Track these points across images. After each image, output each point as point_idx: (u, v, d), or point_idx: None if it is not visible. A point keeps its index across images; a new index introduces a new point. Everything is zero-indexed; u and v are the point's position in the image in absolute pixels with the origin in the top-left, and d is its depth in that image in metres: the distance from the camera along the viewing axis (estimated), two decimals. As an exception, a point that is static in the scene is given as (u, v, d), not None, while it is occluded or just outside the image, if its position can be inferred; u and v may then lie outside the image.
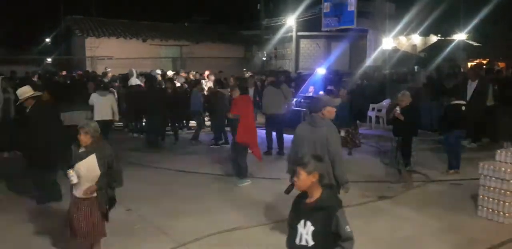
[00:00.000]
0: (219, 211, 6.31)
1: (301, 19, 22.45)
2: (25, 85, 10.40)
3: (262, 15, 24.46)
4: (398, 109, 7.21)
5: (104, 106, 9.45)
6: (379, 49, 19.55)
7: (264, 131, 10.12)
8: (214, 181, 7.83)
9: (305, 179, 2.99)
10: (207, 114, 12.51)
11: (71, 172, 4.32)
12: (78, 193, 4.39)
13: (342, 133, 9.56)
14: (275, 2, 24.39)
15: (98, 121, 9.11)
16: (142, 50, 23.10)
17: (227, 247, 5.17)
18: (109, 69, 16.57)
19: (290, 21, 22.49)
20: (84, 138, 4.36)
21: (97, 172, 4.33)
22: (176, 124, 11.84)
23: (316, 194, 3.01)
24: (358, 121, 11.73)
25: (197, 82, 12.38)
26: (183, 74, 16.04)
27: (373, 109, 13.42)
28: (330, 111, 4.77)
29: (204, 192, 7.19)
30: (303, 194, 3.09)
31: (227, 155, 9.50)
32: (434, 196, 7.00)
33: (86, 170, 4.32)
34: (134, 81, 13.88)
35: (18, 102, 6.66)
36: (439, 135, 10.18)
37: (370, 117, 13.38)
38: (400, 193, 7.06)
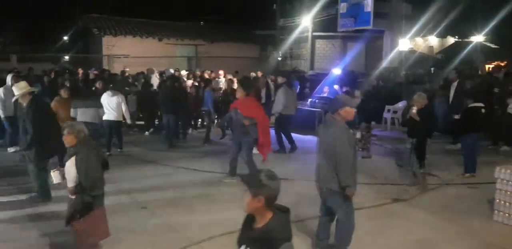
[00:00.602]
0: (235, 210, 6.30)
1: (317, 20, 22.38)
2: (39, 82, 10.49)
3: (278, 15, 24.44)
4: (414, 108, 7.18)
5: (113, 106, 9.45)
6: (395, 50, 19.38)
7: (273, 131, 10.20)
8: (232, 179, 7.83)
9: (249, 202, 2.49)
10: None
11: (52, 172, 4.35)
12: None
13: (358, 135, 9.53)
14: (291, 2, 24.34)
15: (107, 121, 9.28)
16: (157, 49, 23.24)
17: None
18: (127, 69, 16.71)
19: (306, 21, 22.43)
20: (67, 138, 4.29)
21: (74, 174, 4.25)
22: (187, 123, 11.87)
23: (263, 220, 2.51)
24: (373, 122, 11.68)
25: (209, 82, 12.30)
26: (198, 73, 16.13)
27: (388, 110, 13.34)
28: (348, 112, 4.62)
29: (219, 191, 7.21)
30: (252, 216, 2.61)
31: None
32: (449, 199, 6.94)
33: (67, 171, 4.30)
34: (155, 80, 14.01)
35: (14, 98, 6.66)
36: (454, 138, 10.13)
37: (386, 119, 13.30)
38: (415, 196, 7.02)
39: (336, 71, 15.38)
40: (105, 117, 9.31)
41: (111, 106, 9.45)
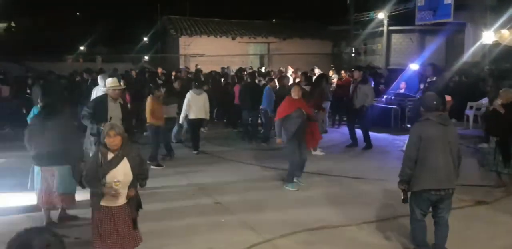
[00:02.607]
0: (307, 209, 6.30)
1: (393, 13, 21.64)
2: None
3: (351, 9, 23.90)
4: (499, 100, 6.73)
5: (199, 104, 9.53)
6: (478, 44, 18.24)
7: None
8: (304, 178, 7.77)
9: None
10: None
11: (118, 183, 3.91)
12: (112, 202, 4.03)
13: None
14: (366, -4, 23.71)
15: (194, 120, 9.54)
16: (231, 47, 23.68)
17: (314, 245, 5.14)
18: (199, 67, 17.18)
19: (381, 15, 21.78)
20: (116, 140, 3.96)
21: (131, 176, 4.05)
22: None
23: None
24: (454, 120, 11.13)
25: (271, 80, 12.00)
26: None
27: (471, 107, 12.62)
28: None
29: (292, 190, 7.20)
30: None
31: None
32: (539, 203, 6.45)
33: (124, 175, 4.00)
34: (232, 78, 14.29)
35: (104, 90, 6.97)
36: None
37: (468, 116, 12.60)
38: (500, 199, 6.59)
39: (414, 67, 14.77)
40: (192, 116, 9.48)
41: (198, 104, 9.52)
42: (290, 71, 15.97)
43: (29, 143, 5.54)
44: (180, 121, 9.94)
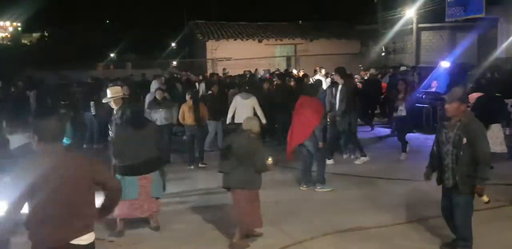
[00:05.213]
0: (337, 210, 6.24)
1: (422, 10, 21.27)
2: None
3: (378, 8, 23.62)
4: None
5: (246, 109, 9.15)
6: (511, 39, 17.73)
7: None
8: (332, 180, 7.71)
9: None
10: None
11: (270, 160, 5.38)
12: None
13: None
14: (393, -6, 23.37)
15: (237, 124, 9.37)
16: (258, 50, 23.76)
17: (345, 248, 5.08)
18: (227, 71, 17.26)
19: (410, 12, 21.43)
20: None
21: None
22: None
23: None
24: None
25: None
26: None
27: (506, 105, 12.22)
28: None
29: (322, 194, 7.12)
30: None
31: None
32: None
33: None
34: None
35: (105, 100, 6.70)
36: None
37: (503, 114, 12.20)
38: (539, 198, 6.36)
39: (445, 64, 14.44)
40: (238, 120, 9.04)
41: (245, 109, 9.12)
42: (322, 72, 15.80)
43: (121, 154, 5.31)
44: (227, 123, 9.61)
